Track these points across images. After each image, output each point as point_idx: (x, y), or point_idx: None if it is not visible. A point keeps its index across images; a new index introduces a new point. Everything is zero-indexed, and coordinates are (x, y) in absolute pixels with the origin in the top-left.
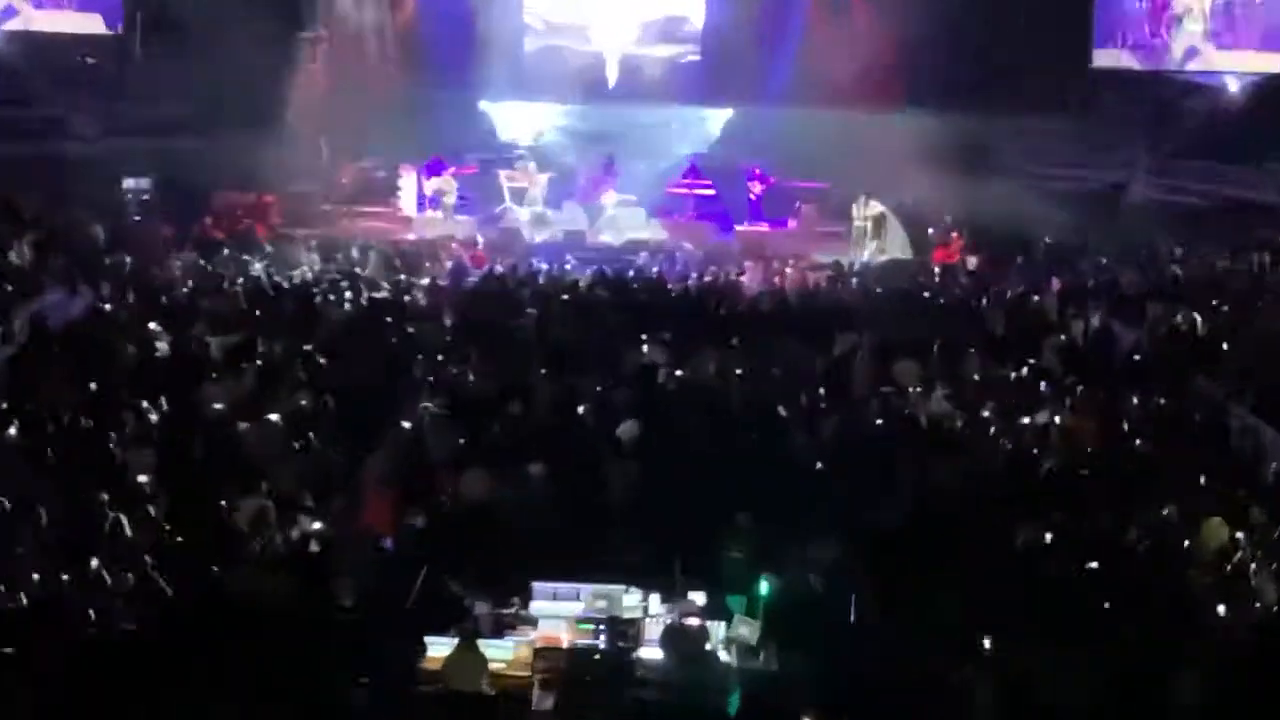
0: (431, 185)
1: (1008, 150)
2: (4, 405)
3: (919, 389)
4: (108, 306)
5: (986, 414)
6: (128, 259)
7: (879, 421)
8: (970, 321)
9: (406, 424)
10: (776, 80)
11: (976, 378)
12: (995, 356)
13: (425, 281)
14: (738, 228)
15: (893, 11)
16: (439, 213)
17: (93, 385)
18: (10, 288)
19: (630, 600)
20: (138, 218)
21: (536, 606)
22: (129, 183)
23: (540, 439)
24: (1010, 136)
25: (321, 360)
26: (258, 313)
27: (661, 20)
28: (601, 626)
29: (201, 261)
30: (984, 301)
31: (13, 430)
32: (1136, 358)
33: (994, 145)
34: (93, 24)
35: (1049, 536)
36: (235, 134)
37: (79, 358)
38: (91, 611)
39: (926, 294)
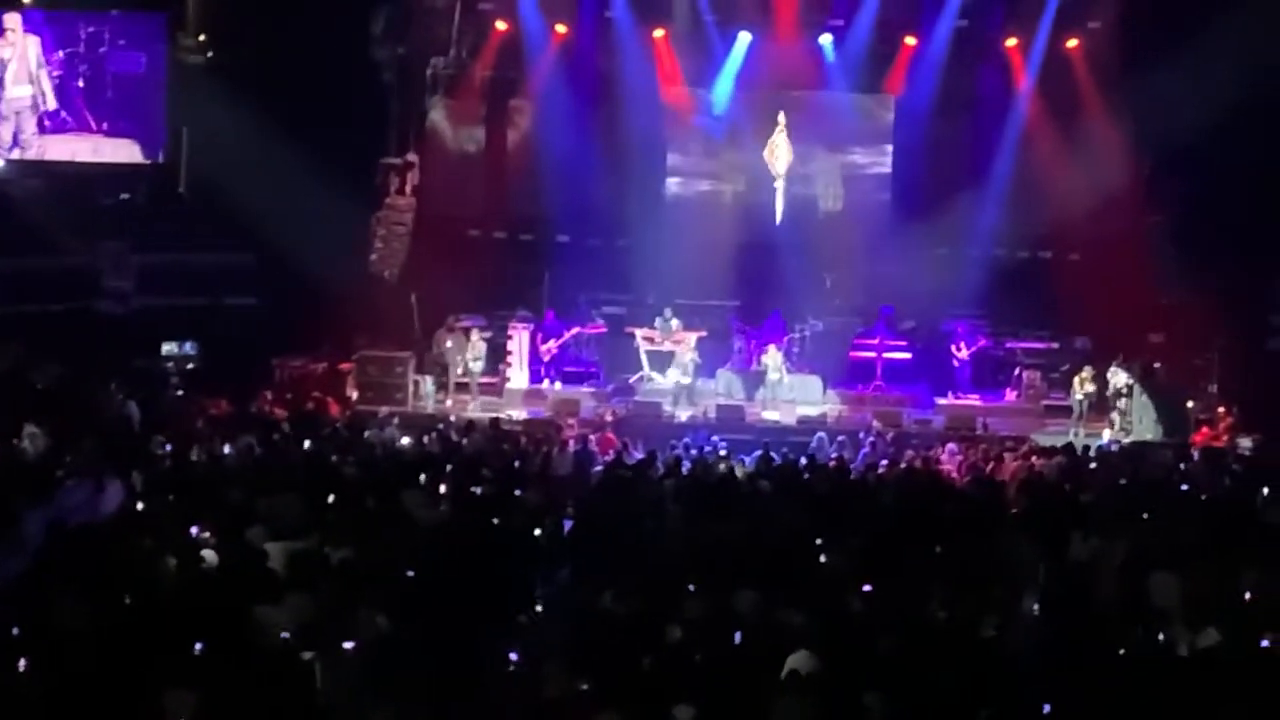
0: (547, 347)
1: None
2: (13, 632)
3: (1179, 609)
4: (141, 505)
5: (1266, 644)
6: (167, 445)
7: (1122, 652)
8: (1245, 522)
9: (513, 655)
10: (988, 215)
11: (1250, 595)
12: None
13: (540, 471)
14: (940, 401)
15: (1143, 132)
16: (557, 383)
17: (122, 607)
18: (19, 483)
19: None
20: (180, 392)
21: None
22: (170, 348)
23: (688, 674)
24: None
25: (409, 573)
26: (329, 513)
27: (843, 146)
28: None
29: (259, 447)
30: (1262, 496)
31: (21, 665)
32: None
33: (1272, 298)
34: (128, 153)
35: None
36: (301, 287)
37: (105, 571)
38: None
39: (1186, 486)
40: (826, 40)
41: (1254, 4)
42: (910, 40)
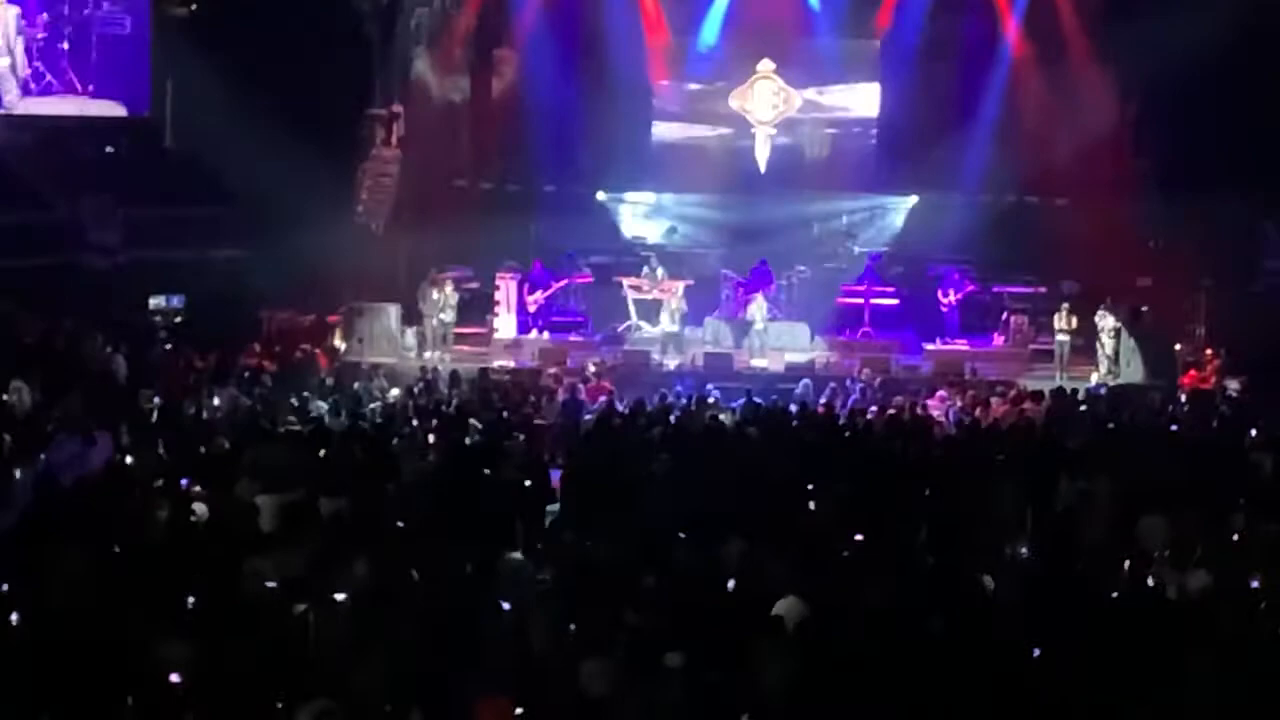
0: (534, 298)
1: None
2: (3, 587)
3: (1167, 552)
4: (130, 459)
5: (1256, 585)
6: (156, 398)
7: (1115, 595)
8: (1232, 464)
9: (505, 605)
10: (974, 161)
11: (1237, 537)
12: (1267, 510)
13: (528, 420)
14: (928, 346)
15: (1129, 76)
16: (545, 333)
17: (112, 559)
18: (8, 437)
19: None
20: (168, 345)
21: None
22: (158, 301)
23: (677, 621)
24: None
25: (399, 524)
26: (319, 464)
27: (829, 92)
28: None
29: (247, 400)
30: (1250, 438)
31: (14, 618)
32: None
33: (1261, 241)
34: (113, 112)
35: None
36: (288, 239)
37: (95, 524)
38: None
39: (1175, 428)
40: None
41: None
42: None
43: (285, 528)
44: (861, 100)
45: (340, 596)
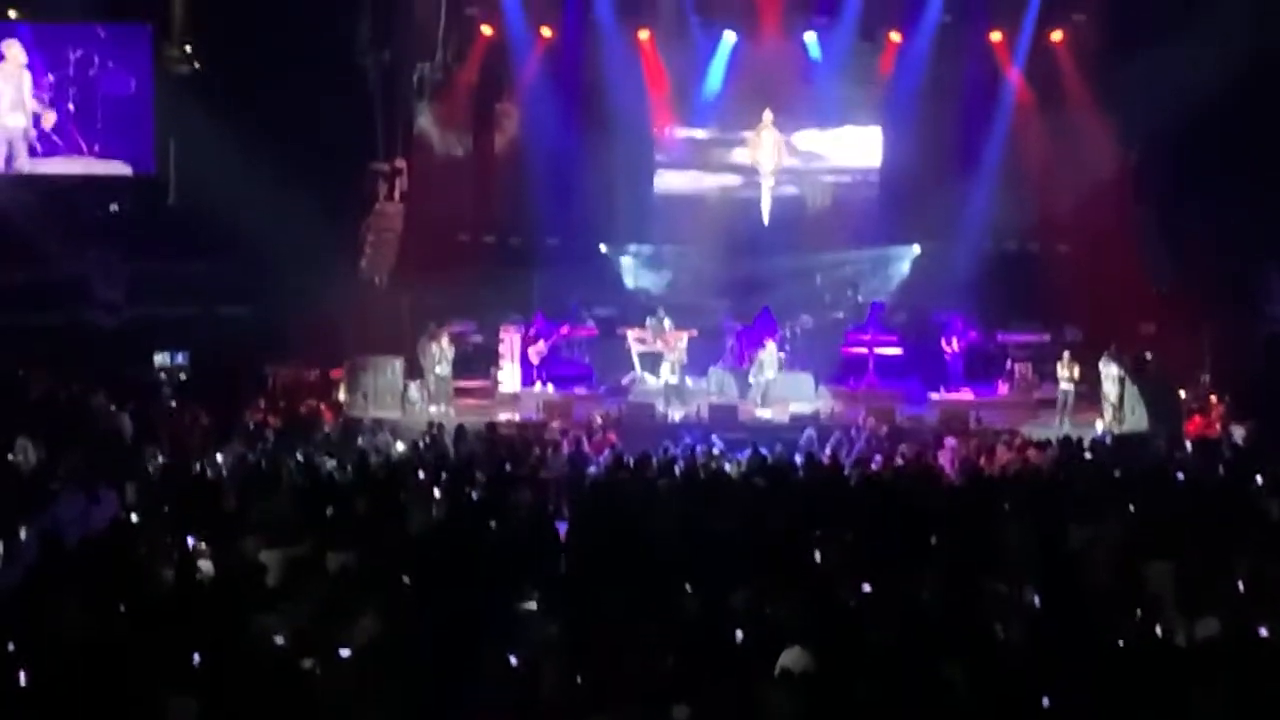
0: (537, 349)
1: None
2: (9, 646)
3: (1175, 597)
4: (135, 516)
5: (1265, 634)
6: (160, 455)
7: (1123, 642)
8: (1239, 511)
9: (513, 658)
10: (976, 208)
11: (1243, 584)
12: (1275, 555)
13: (533, 473)
14: (932, 395)
15: (1130, 122)
16: (548, 386)
17: (118, 617)
18: (13, 495)
19: None
20: (173, 402)
21: None
22: (162, 358)
23: (684, 671)
24: None
25: (404, 578)
26: (325, 518)
27: (830, 143)
28: None
29: (252, 456)
30: (1257, 484)
31: (20, 676)
32: None
33: (1263, 286)
34: (119, 171)
35: None
36: (292, 295)
37: (100, 582)
38: None
39: (1181, 475)
40: (811, 38)
41: None
42: (895, 36)
43: (291, 582)
44: (864, 150)
45: (346, 652)
